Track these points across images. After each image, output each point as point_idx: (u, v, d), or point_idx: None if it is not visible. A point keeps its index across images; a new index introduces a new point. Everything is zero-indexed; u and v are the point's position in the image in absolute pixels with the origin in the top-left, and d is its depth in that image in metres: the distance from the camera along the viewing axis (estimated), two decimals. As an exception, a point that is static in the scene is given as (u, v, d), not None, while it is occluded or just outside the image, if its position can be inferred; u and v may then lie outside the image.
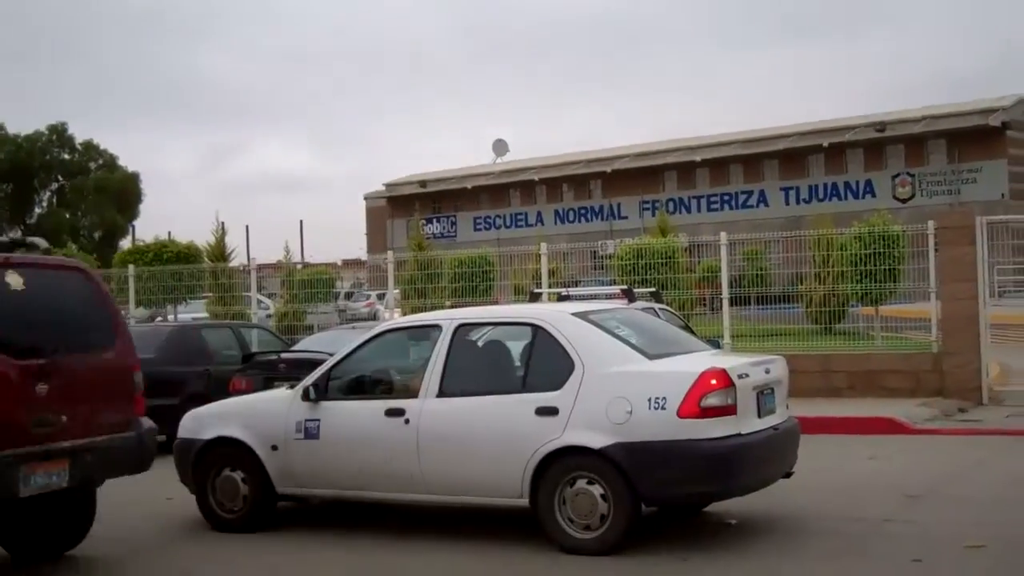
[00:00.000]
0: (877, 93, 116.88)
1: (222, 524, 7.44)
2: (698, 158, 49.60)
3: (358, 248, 63.13)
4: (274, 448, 7.26)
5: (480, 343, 7.27)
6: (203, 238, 20.30)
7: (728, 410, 6.18)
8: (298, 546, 6.97)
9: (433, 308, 15.08)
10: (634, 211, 49.39)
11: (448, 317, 7.24)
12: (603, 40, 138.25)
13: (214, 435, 7.55)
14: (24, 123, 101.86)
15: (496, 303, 15.45)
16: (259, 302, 19.44)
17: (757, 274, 16.15)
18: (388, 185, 60.83)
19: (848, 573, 5.79)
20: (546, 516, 6.40)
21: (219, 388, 10.90)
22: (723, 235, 15.09)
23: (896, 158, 45.94)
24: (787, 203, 46.99)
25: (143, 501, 8.77)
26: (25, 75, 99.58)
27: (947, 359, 13.23)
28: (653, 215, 36.56)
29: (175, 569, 6.42)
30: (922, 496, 7.88)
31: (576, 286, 15.78)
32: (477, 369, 7.03)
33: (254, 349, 13.19)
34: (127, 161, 66.87)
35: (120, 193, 58.87)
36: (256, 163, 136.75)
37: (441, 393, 6.78)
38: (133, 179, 60.76)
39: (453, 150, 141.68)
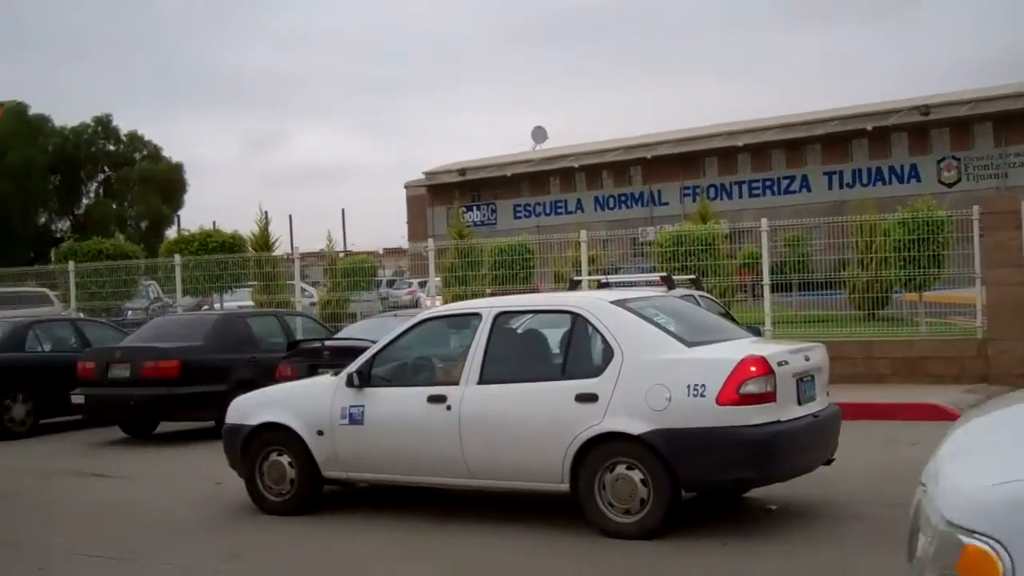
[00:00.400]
0: (922, 75, 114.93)
1: (271, 507, 7.61)
2: (739, 143, 49.18)
3: (399, 236, 63.55)
4: (320, 433, 7.41)
5: (520, 331, 7.35)
6: (246, 227, 20.69)
7: (767, 397, 6.21)
8: (345, 528, 7.11)
9: (474, 296, 15.19)
10: (675, 197, 49.15)
11: (488, 305, 7.32)
12: (645, 25, 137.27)
13: (261, 421, 7.71)
14: (70, 115, 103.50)
15: (536, 291, 15.52)
16: (303, 290, 19.68)
17: (799, 260, 16.04)
18: (428, 174, 61.00)
19: (888, 559, 5.80)
20: (586, 501, 6.48)
21: (265, 375, 11.09)
22: (764, 221, 15.02)
23: (941, 142, 45.22)
24: (830, 188, 46.48)
25: (193, 486, 9.00)
26: (69, 68, 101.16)
27: (992, 345, 13.10)
28: (694, 201, 36.43)
29: (225, 551, 6.58)
30: (964, 483, 7.82)
31: (616, 273, 15.81)
32: (517, 356, 7.12)
33: (299, 337, 13.37)
34: (171, 152, 67.51)
35: (165, 183, 59.57)
36: (298, 153, 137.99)
37: (482, 380, 6.87)
38: (177, 169, 61.46)
39: (492, 138, 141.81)
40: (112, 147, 60.90)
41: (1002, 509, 2.57)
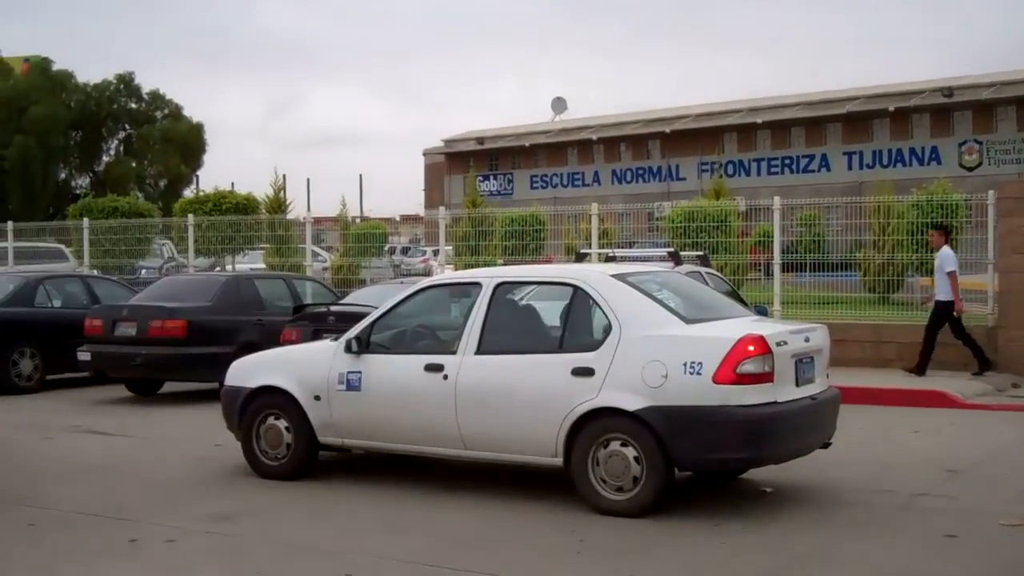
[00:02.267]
0: (946, 56, 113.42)
1: (266, 471, 7.60)
2: (760, 120, 48.76)
3: (417, 204, 63.47)
4: (317, 398, 7.39)
5: (520, 302, 7.30)
6: (263, 190, 20.60)
7: (765, 377, 6.14)
8: (338, 494, 7.11)
9: (485, 266, 15.13)
10: (693, 173, 48.82)
11: (488, 275, 7.25)
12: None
13: (260, 384, 7.69)
14: (93, 72, 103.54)
15: (549, 262, 15.46)
16: (316, 255, 19.67)
17: (814, 240, 15.88)
18: (447, 141, 60.84)
19: (878, 545, 5.74)
20: (579, 476, 6.43)
21: (271, 338, 11.12)
22: (776, 199, 14.86)
23: (964, 125, 44.66)
24: (850, 168, 46.06)
25: (192, 447, 9.02)
26: (94, 24, 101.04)
27: (1002, 333, 12.93)
28: (711, 177, 36.12)
29: (216, 513, 6.58)
30: (963, 471, 7.75)
31: (631, 248, 15.71)
32: (516, 328, 7.08)
33: (307, 301, 13.36)
34: (192, 112, 67.60)
35: (185, 143, 59.63)
36: (319, 117, 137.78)
37: (479, 350, 6.82)
38: (197, 129, 61.49)
39: (512, 108, 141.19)
40: (134, 105, 60.97)
41: None
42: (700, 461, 6.35)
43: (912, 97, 45.31)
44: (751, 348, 6.10)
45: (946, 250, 12.43)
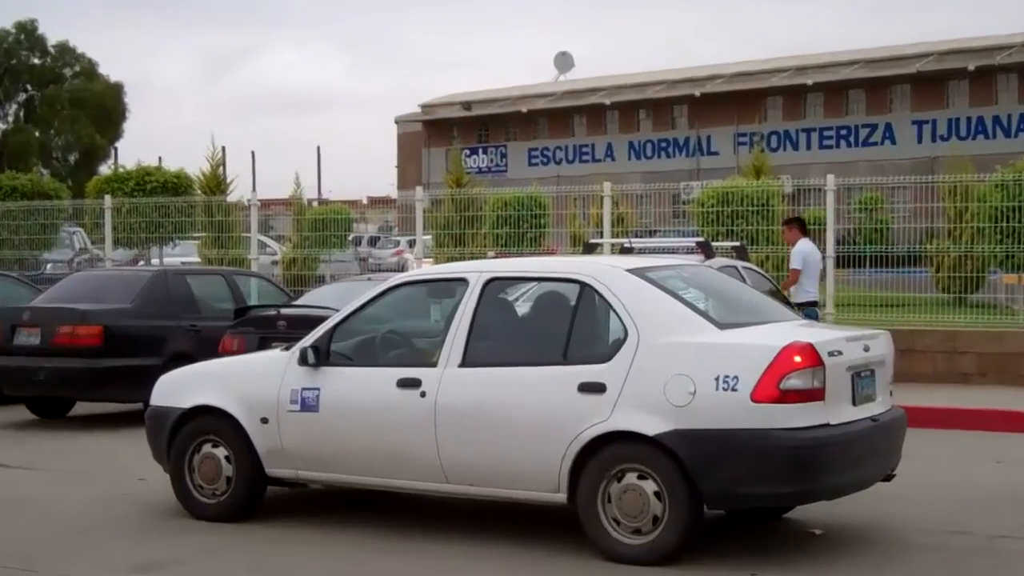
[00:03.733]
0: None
1: (201, 510, 7.62)
2: (810, 81, 48.90)
3: (388, 184, 63.50)
4: (264, 421, 7.41)
5: (515, 302, 7.36)
6: (197, 166, 20.60)
7: (814, 394, 6.18)
8: (288, 540, 7.11)
9: (472, 259, 15.16)
10: (727, 146, 48.97)
11: (477, 270, 7.30)
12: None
13: (194, 404, 7.70)
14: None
15: (553, 254, 15.52)
16: (263, 246, 19.70)
17: (876, 229, 15.98)
18: (425, 107, 60.90)
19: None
20: (587, 516, 6.47)
21: (207, 347, 11.14)
22: (830, 178, 14.94)
23: (1061, 87, 44.87)
24: (920, 141, 46.21)
25: (112, 481, 9.04)
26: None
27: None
28: (750, 151, 36.22)
29: (141, 561, 6.61)
30: (1054, 510, 7.82)
31: (652, 236, 15.77)
32: (509, 334, 7.14)
33: (252, 302, 13.40)
34: (109, 69, 67.51)
35: (100, 107, 59.69)
36: (268, 75, 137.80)
37: (465, 362, 6.86)
38: (116, 91, 61.58)
39: (506, 65, 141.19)
40: (37, 60, 61.06)
41: None
42: (735, 496, 6.39)
43: (997, 53, 45.47)
44: (798, 359, 6.14)
45: None
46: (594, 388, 6.42)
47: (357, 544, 7.01)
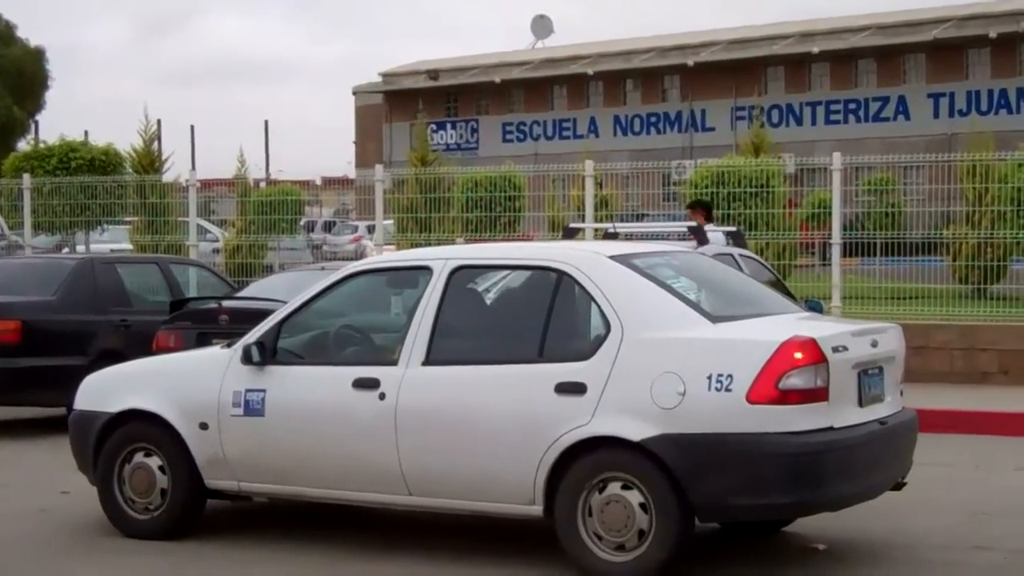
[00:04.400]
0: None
1: (133, 527, 7.60)
2: (815, 49, 49.10)
3: (345, 162, 63.44)
4: (203, 427, 7.40)
5: (484, 293, 7.36)
6: (128, 141, 20.52)
7: (817, 394, 6.21)
8: (232, 561, 7.10)
9: (439, 245, 15.18)
10: (724, 121, 49.15)
11: (442, 256, 7.30)
12: None
13: (124, 407, 7.68)
14: None
15: (530, 240, 15.55)
16: (203, 231, 19.61)
17: (887, 213, 16.07)
18: (386, 76, 60.86)
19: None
20: (566, 530, 6.49)
21: (139, 344, 11.12)
22: (836, 156, 15.01)
23: (1093, 56, 45.24)
24: (936, 115, 46.53)
25: (30, 496, 8.97)
26: None
27: None
28: (749, 126, 36.35)
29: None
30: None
31: (639, 221, 15.80)
32: (479, 328, 7.15)
33: (190, 294, 13.38)
34: (28, 32, 67.09)
35: (19, 75, 59.14)
36: (209, 40, 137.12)
37: (429, 360, 6.86)
38: (36, 56, 61.07)
39: (478, 30, 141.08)
40: (-55, 23, 60.36)
41: None
42: (729, 508, 6.41)
43: (1021, 19, 45.77)
44: (798, 355, 6.17)
45: None
46: (573, 389, 6.44)
47: (311, 564, 7.00)
